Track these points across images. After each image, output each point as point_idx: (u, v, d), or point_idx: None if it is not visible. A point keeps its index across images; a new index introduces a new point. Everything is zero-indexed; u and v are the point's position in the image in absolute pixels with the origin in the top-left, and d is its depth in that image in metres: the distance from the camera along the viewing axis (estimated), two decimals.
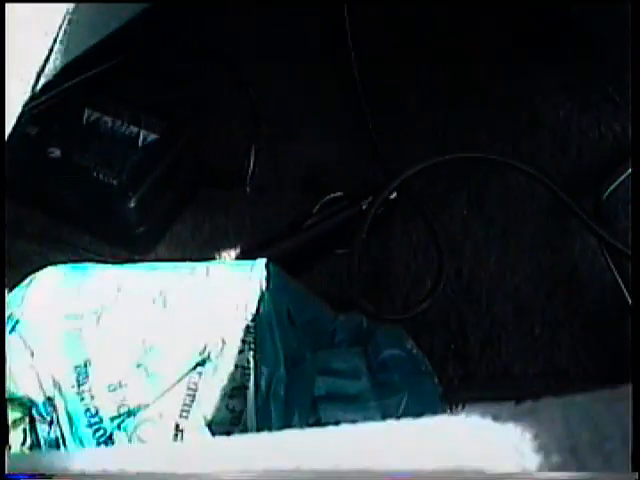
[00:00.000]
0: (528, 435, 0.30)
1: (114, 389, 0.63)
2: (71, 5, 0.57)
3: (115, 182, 0.77)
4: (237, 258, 0.80)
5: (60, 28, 0.57)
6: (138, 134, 0.79)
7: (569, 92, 0.89)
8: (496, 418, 0.32)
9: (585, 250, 0.81)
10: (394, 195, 0.80)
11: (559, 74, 0.89)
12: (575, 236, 0.82)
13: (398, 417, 0.34)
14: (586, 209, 0.80)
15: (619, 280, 0.77)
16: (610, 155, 0.86)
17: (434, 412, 0.35)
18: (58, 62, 0.60)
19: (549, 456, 0.29)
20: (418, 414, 0.33)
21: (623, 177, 0.83)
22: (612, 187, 0.83)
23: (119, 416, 0.63)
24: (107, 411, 0.63)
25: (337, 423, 0.34)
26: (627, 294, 0.76)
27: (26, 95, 0.56)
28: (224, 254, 0.81)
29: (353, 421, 0.34)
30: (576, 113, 0.88)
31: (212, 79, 0.88)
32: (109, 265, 0.70)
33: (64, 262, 0.71)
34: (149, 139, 0.79)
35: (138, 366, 0.64)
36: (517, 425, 0.31)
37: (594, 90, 0.89)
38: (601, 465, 0.28)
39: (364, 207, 0.80)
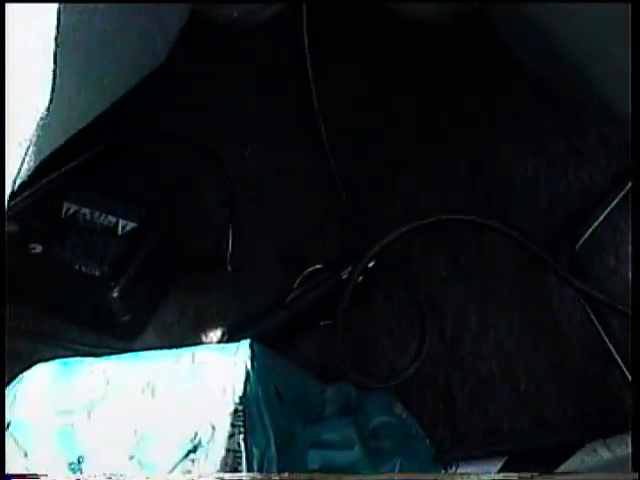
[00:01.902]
0: None
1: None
2: (43, 111, 0.58)
3: (97, 273, 0.78)
4: (223, 338, 0.82)
5: (33, 134, 0.59)
6: (117, 223, 0.81)
7: (535, 146, 0.91)
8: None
9: (564, 302, 0.82)
10: (372, 263, 0.82)
11: (523, 128, 0.92)
12: (553, 289, 0.83)
13: None
14: (561, 261, 0.82)
15: (599, 329, 0.78)
16: (579, 205, 0.87)
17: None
18: (32, 163, 0.62)
19: None
20: None
21: (594, 226, 0.85)
22: (585, 237, 0.85)
23: None
24: None
25: None
26: (608, 342, 0.78)
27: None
28: (210, 335, 0.82)
29: None
30: (544, 165, 0.90)
31: (186, 163, 0.90)
32: (97, 358, 0.71)
33: (53, 358, 0.72)
34: (128, 228, 0.81)
35: (131, 458, 0.65)
36: None
37: (559, 142, 0.91)
38: None
39: (344, 277, 0.82)
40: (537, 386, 0.79)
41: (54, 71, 0.56)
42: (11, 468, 0.64)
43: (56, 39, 0.54)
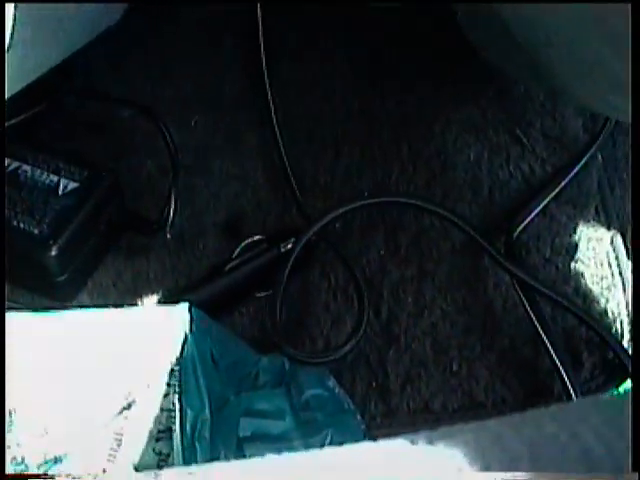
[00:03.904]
0: (444, 456, 0.32)
1: (40, 436, 0.63)
2: None
3: (36, 231, 0.78)
4: (159, 303, 0.81)
5: None
6: (58, 183, 0.80)
7: (479, 135, 0.92)
8: (414, 442, 0.33)
9: (499, 287, 0.83)
10: (312, 238, 0.82)
11: (468, 116, 0.93)
12: (489, 274, 0.84)
13: None
14: (498, 247, 0.83)
15: (531, 314, 0.80)
16: (519, 194, 0.89)
17: None
18: None
19: None
20: None
21: (532, 215, 0.87)
22: (522, 225, 0.86)
23: (45, 463, 0.63)
24: (33, 458, 0.63)
25: None
26: (540, 329, 0.79)
27: None
28: (146, 300, 0.82)
29: None
30: (486, 154, 0.91)
31: (131, 127, 0.90)
32: (30, 313, 0.70)
33: None
34: (69, 188, 0.80)
35: (63, 413, 0.64)
36: (434, 447, 0.32)
37: (502, 131, 0.92)
38: None
39: (283, 250, 0.82)
40: (469, 367, 0.80)
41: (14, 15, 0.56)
42: None
43: None
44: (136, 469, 0.64)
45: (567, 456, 0.30)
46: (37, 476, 0.26)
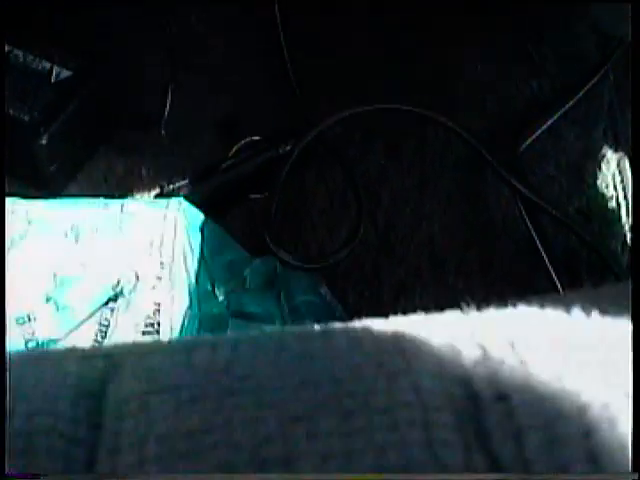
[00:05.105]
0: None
1: (22, 322, 0.61)
2: None
3: (26, 118, 0.75)
4: (153, 198, 0.79)
5: None
6: (51, 69, 0.77)
7: (488, 47, 0.89)
8: None
9: (500, 202, 0.81)
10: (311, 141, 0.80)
11: (477, 29, 0.90)
12: (490, 188, 0.82)
13: None
14: (502, 162, 0.81)
15: (532, 231, 0.78)
16: (527, 110, 0.86)
17: None
18: None
19: None
20: None
21: (538, 132, 0.84)
22: (528, 141, 0.83)
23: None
24: (15, 344, 0.61)
25: None
26: (539, 244, 0.77)
27: None
28: (137, 196, 0.79)
29: None
30: (494, 68, 0.88)
31: (130, 16, 0.86)
32: (19, 199, 0.68)
33: None
34: (62, 75, 0.77)
35: (48, 300, 0.62)
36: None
37: (512, 46, 0.89)
38: None
39: (281, 152, 0.79)
40: (465, 282, 0.78)
41: None
42: None
43: None
44: None
45: None
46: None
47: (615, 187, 0.83)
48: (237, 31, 0.88)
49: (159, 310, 0.62)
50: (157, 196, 0.78)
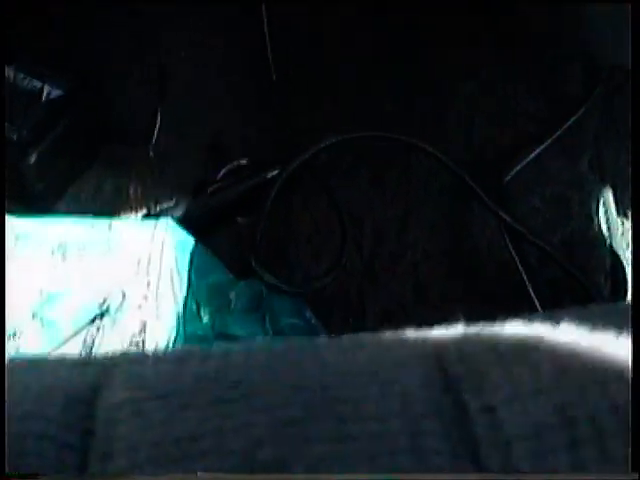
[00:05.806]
0: None
1: (8, 338, 0.61)
2: None
3: (15, 137, 0.75)
4: (140, 218, 0.79)
5: None
6: (42, 89, 0.77)
7: (474, 76, 0.90)
8: None
9: (484, 231, 0.82)
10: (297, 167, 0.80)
11: (464, 57, 0.90)
12: (475, 217, 0.82)
13: None
14: (487, 191, 0.81)
15: (517, 260, 0.78)
16: (513, 139, 0.87)
17: None
18: None
19: None
20: None
21: (524, 163, 0.85)
22: (513, 172, 0.84)
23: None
24: None
25: None
26: (523, 273, 0.77)
27: None
28: (125, 216, 0.79)
29: None
30: (481, 97, 0.89)
31: (122, 39, 0.87)
32: (8, 214, 0.68)
33: None
34: (53, 94, 0.77)
35: (34, 316, 0.62)
36: None
37: (499, 74, 0.90)
38: None
39: (268, 176, 0.80)
40: (449, 309, 0.78)
41: None
42: None
43: None
44: None
45: None
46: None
47: (599, 218, 0.84)
48: (227, 55, 0.89)
49: (145, 329, 0.62)
50: (145, 217, 0.78)
